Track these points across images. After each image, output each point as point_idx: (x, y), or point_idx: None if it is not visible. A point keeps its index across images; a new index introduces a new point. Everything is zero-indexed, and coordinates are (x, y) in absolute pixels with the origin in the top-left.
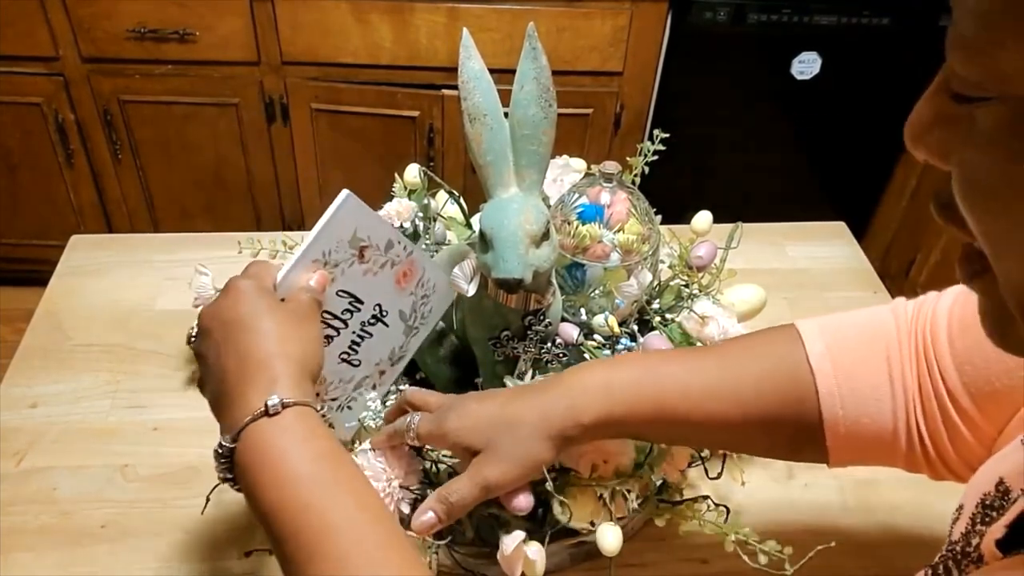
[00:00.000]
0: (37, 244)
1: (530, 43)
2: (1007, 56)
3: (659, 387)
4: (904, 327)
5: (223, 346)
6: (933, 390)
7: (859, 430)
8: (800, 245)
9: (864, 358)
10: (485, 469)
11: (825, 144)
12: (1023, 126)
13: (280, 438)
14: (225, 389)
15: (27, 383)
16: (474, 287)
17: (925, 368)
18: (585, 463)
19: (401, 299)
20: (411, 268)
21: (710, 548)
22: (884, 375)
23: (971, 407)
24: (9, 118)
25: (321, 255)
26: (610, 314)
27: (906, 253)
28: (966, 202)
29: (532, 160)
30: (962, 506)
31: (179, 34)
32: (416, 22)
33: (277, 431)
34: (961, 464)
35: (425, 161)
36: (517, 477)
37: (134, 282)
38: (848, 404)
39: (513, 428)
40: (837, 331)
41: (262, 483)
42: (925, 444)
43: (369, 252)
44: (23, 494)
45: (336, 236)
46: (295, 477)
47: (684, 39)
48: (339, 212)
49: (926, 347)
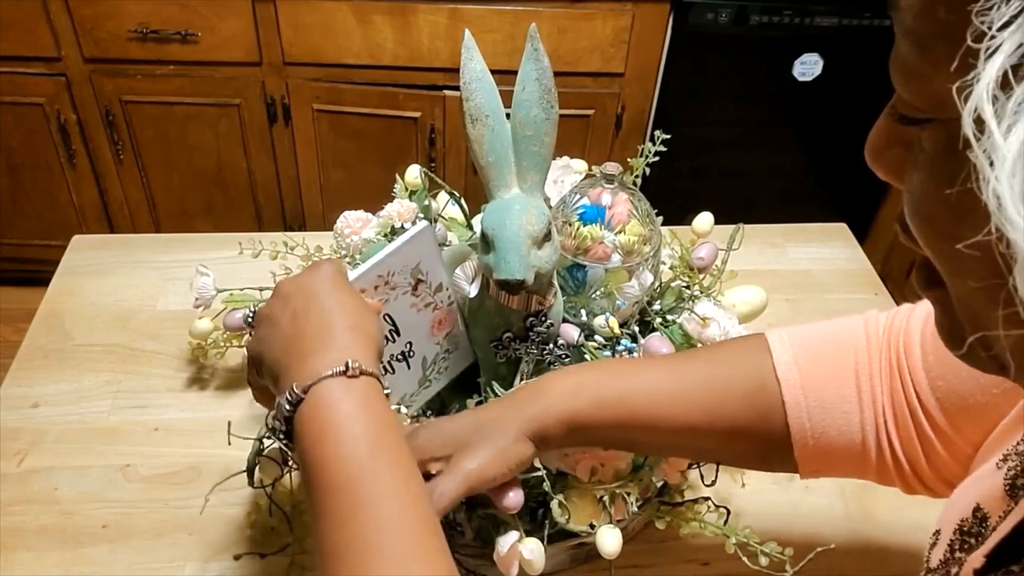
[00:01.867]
0: (39, 244)
1: (532, 44)
2: (941, 78)
3: (625, 390)
4: (875, 339)
5: (303, 311)
6: (907, 405)
7: (827, 442)
8: (801, 246)
9: (831, 369)
10: (463, 460)
11: (826, 145)
12: (956, 150)
13: (351, 397)
14: (301, 347)
15: (28, 383)
16: (476, 288)
17: (899, 382)
18: (583, 467)
19: (429, 345)
20: (447, 318)
21: (711, 550)
22: (852, 387)
23: (945, 423)
24: (11, 118)
25: (386, 274)
26: (611, 315)
27: (907, 254)
28: (912, 223)
29: (534, 161)
30: (939, 531)
31: (181, 35)
32: (418, 23)
33: (349, 390)
34: (936, 479)
35: (426, 162)
36: (498, 470)
37: (135, 282)
38: (815, 415)
39: (486, 429)
40: (805, 341)
41: (324, 434)
42: (898, 458)
43: (422, 288)
44: (24, 494)
45: (404, 261)
46: (356, 437)
47: (685, 40)
48: (414, 239)
49: (899, 360)
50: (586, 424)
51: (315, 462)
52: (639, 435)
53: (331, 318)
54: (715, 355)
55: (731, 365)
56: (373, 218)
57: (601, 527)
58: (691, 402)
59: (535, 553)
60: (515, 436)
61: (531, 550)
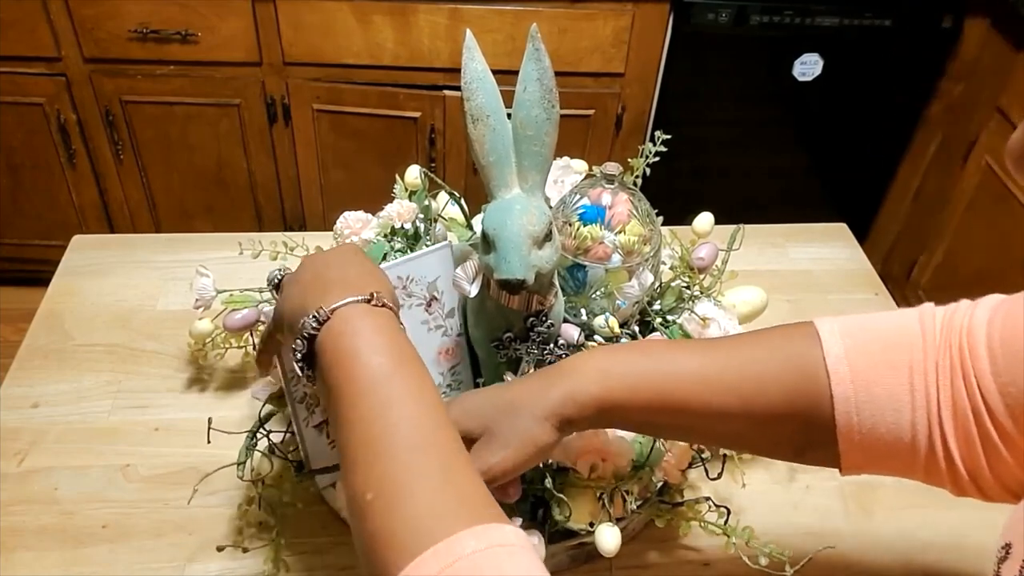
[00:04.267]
0: (39, 244)
1: (533, 44)
2: None
3: (658, 372)
4: (932, 335)
5: (323, 265)
6: (970, 407)
7: (875, 438)
8: (801, 246)
9: (884, 364)
10: (486, 455)
11: (827, 145)
12: None
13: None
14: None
15: (28, 383)
16: (476, 288)
17: (961, 382)
18: (584, 463)
19: (433, 373)
20: (454, 350)
21: (711, 550)
22: (905, 383)
23: (1013, 429)
24: (11, 118)
25: (405, 277)
26: (611, 315)
27: (908, 255)
28: None
29: (535, 161)
30: (1010, 545)
31: (181, 35)
32: (418, 23)
33: (372, 315)
34: (996, 485)
35: (426, 162)
36: (519, 462)
37: (135, 282)
38: (864, 411)
39: (511, 410)
40: (858, 334)
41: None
42: (953, 460)
43: (435, 307)
44: (24, 494)
45: (424, 271)
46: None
47: (686, 40)
48: (438, 252)
49: (962, 360)
50: (617, 406)
51: (340, 373)
52: (671, 419)
53: (352, 270)
54: (757, 341)
55: (775, 352)
56: (373, 219)
57: (600, 526)
58: (728, 387)
59: (536, 546)
60: (540, 420)
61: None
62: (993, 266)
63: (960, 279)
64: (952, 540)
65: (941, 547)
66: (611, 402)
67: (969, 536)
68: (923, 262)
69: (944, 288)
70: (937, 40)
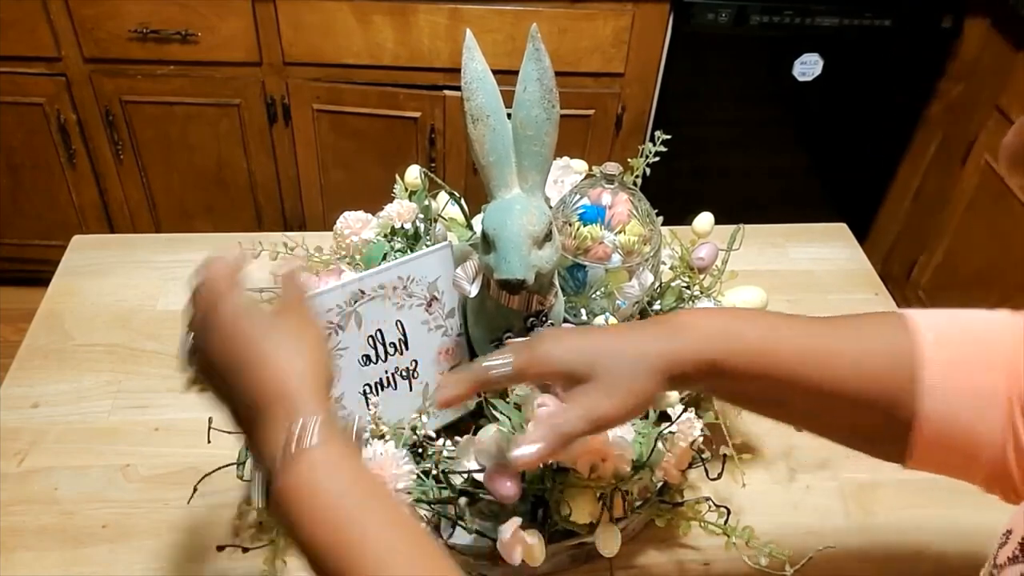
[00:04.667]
0: (39, 244)
1: (533, 44)
2: None
3: (770, 341)
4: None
5: (232, 389)
6: None
7: (949, 433)
8: (801, 247)
9: (976, 361)
10: (599, 402)
11: (827, 145)
12: None
13: (312, 476)
14: (248, 429)
15: (28, 383)
16: (476, 288)
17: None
18: (584, 463)
19: (434, 372)
20: (455, 350)
21: (711, 550)
22: (991, 385)
23: None
24: (11, 118)
25: (406, 277)
26: (611, 315)
27: (908, 255)
28: None
29: (535, 161)
30: (1010, 531)
31: (181, 35)
32: (418, 23)
33: (307, 469)
34: None
35: (426, 162)
36: (628, 412)
37: (135, 282)
38: (947, 402)
39: (622, 356)
40: (950, 327)
41: (302, 517)
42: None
43: (435, 307)
44: (24, 494)
45: (424, 271)
46: (336, 513)
47: (686, 40)
48: (438, 253)
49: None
50: (730, 370)
51: (303, 542)
52: (771, 391)
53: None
54: (853, 325)
55: (870, 338)
56: (373, 219)
57: (600, 526)
58: (828, 366)
59: (536, 545)
60: (653, 372)
61: (533, 540)
62: (993, 266)
63: (960, 279)
64: (952, 540)
65: (941, 547)
66: (725, 366)
67: (969, 536)
68: (923, 262)
69: (944, 288)
70: (937, 40)
